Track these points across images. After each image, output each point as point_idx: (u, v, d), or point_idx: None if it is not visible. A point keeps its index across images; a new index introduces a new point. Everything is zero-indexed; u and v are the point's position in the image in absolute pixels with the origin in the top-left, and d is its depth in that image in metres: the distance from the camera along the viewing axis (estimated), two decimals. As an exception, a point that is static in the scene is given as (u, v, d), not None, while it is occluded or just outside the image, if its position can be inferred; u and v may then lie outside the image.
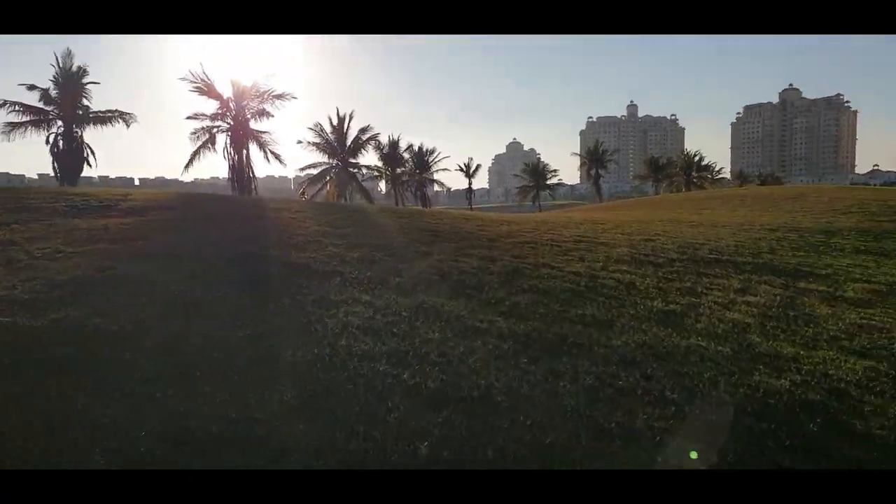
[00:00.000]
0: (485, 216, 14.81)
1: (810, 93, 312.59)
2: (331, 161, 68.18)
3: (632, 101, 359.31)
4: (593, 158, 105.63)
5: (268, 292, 6.54)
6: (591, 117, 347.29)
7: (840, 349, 6.51)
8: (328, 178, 68.34)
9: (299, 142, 66.74)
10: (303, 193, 66.08)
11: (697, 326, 6.75)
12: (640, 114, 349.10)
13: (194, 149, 46.69)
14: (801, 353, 6.26)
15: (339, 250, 8.48)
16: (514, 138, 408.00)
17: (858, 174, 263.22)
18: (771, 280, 9.45)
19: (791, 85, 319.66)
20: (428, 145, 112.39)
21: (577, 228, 13.21)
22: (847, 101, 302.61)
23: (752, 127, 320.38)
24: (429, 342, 5.51)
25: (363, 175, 77.24)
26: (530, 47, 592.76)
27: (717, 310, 7.50)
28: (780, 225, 15.78)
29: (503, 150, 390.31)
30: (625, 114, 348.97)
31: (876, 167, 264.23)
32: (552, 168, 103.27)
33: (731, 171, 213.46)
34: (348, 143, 67.90)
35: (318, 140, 66.29)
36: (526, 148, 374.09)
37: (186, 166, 47.90)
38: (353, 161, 69.99)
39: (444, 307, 6.44)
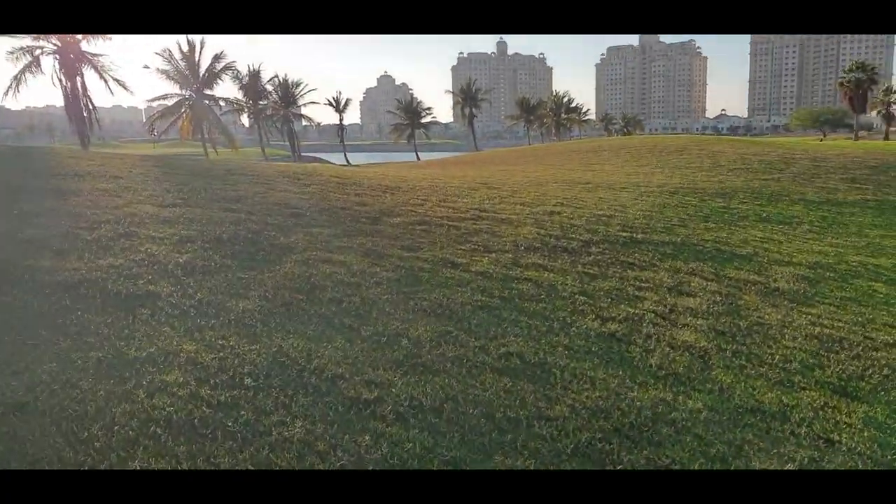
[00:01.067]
0: (363, 178, 12.56)
1: (668, 37, 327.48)
2: (184, 92, 61.87)
3: (501, 38, 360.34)
4: (467, 97, 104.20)
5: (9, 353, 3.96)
6: (462, 53, 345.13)
7: (822, 386, 5.17)
8: (183, 110, 62.14)
9: (146, 67, 59.82)
10: (151, 129, 59.50)
11: (651, 363, 5.13)
12: (510, 52, 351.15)
13: (15, 73, 40.05)
14: (784, 399, 4.84)
15: (160, 250, 5.97)
16: (386, 72, 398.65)
17: (708, 118, 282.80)
18: (699, 269, 8.12)
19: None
20: (293, 77, 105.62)
21: (471, 197, 11.34)
22: (699, 48, 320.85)
23: (615, 69, 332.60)
24: (287, 443, 3.46)
25: (221, 108, 71.21)
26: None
27: (662, 327, 5.96)
28: (677, 186, 14.83)
29: (374, 84, 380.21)
30: (495, 51, 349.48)
31: (723, 112, 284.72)
32: (426, 106, 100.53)
33: (597, 113, 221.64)
34: (202, 72, 61.71)
35: (167, 67, 59.52)
36: (398, 82, 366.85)
37: (6, 93, 41.15)
38: (208, 93, 64.04)
39: (313, 356, 4.34)
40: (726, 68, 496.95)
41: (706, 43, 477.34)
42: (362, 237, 7.46)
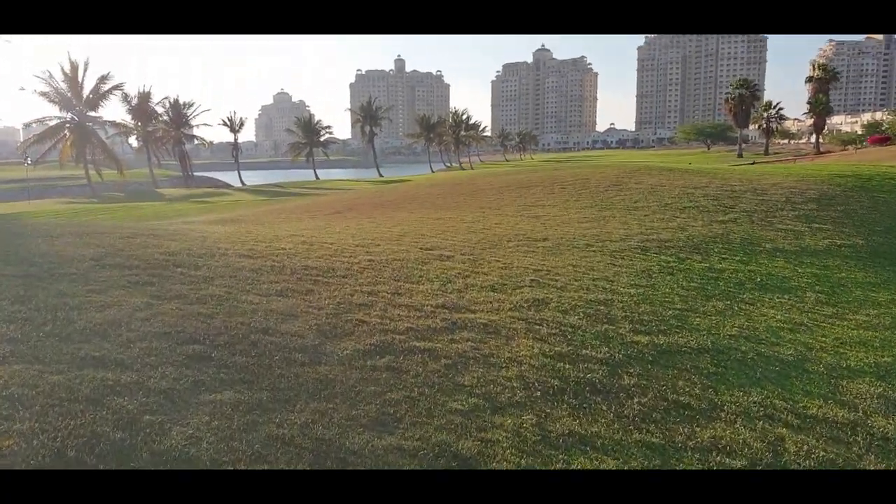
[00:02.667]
0: (279, 251, 9.75)
1: (560, 54, 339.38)
2: (65, 114, 56.00)
3: (399, 56, 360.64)
4: (367, 115, 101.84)
5: None
6: (360, 70, 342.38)
7: None
8: (63, 133, 56.15)
9: (22, 89, 53.35)
10: (25, 155, 53.16)
11: None
12: (408, 69, 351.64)
13: None
14: None
15: None
16: (282, 89, 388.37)
17: (599, 132, 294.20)
18: (768, 404, 5.96)
19: (543, 45, 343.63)
20: (185, 98, 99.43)
21: (427, 279, 8.80)
22: (590, 64, 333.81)
23: (510, 85, 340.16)
24: None
25: (107, 132, 65.35)
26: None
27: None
28: (642, 240, 12.74)
29: (270, 101, 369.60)
30: (393, 68, 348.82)
31: (612, 125, 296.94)
32: (325, 125, 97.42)
33: (493, 129, 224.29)
34: (85, 93, 56.13)
35: (47, 89, 53.63)
36: (295, 99, 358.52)
37: None
38: (93, 115, 58.35)
39: None
40: (615, 83, 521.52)
41: (596, 59, 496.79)
42: (299, 410, 4.74)
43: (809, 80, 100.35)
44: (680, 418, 5.44)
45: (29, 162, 55.31)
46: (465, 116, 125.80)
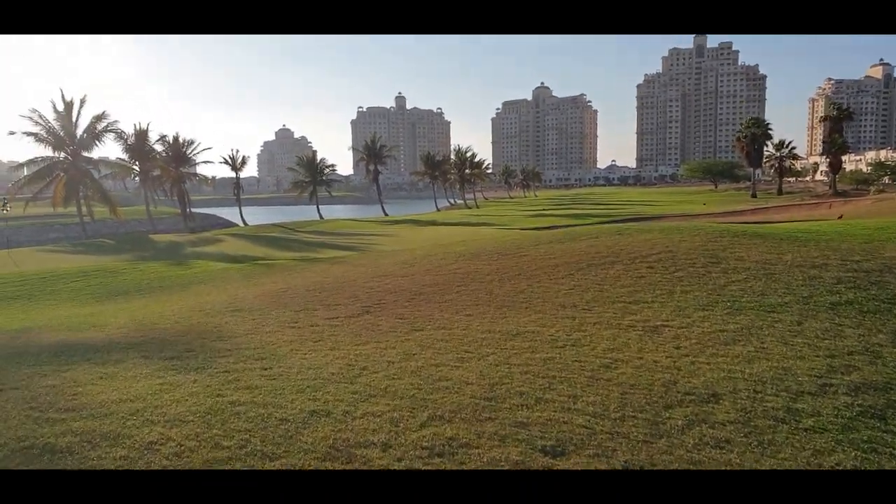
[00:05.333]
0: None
1: (559, 92, 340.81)
2: (57, 155, 53.48)
3: (400, 93, 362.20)
4: (371, 154, 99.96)
5: None
6: (361, 107, 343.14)
7: None
8: (57, 174, 53.57)
9: (11, 133, 50.81)
10: (4, 204, 50.43)
11: None
12: (409, 106, 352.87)
13: None
14: None
15: None
16: (284, 125, 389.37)
17: (600, 168, 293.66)
18: None
19: (542, 83, 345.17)
20: (186, 135, 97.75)
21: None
22: (589, 101, 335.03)
23: (510, 122, 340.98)
24: None
25: (101, 172, 62.87)
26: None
27: None
28: (853, 386, 8.92)
29: (272, 137, 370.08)
30: (394, 105, 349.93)
31: (613, 162, 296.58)
32: (329, 163, 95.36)
33: (494, 165, 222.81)
34: (79, 132, 53.71)
35: (37, 130, 51.16)
36: (297, 136, 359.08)
37: None
38: (87, 155, 55.88)
39: None
40: (615, 119, 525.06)
41: (595, 96, 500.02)
42: None
43: (823, 119, 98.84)
44: None
45: (8, 209, 52.72)
46: (469, 154, 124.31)
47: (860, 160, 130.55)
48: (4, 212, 51.03)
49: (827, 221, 24.87)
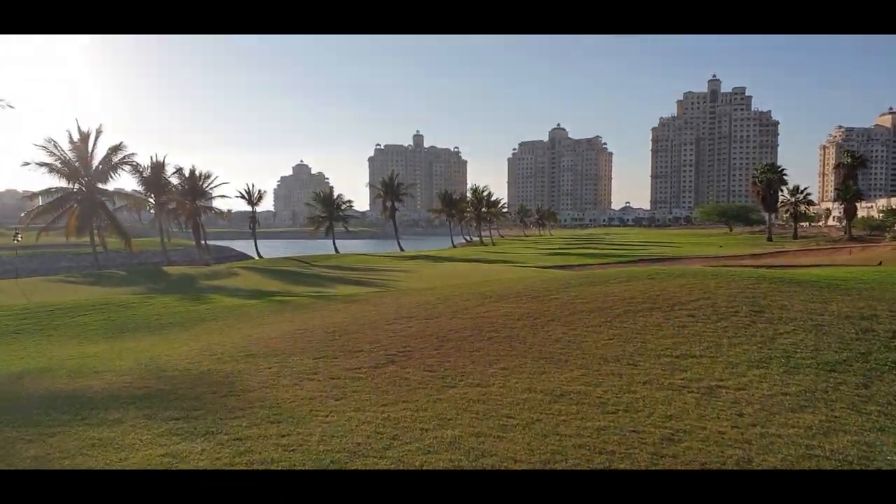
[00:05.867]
0: None
1: (575, 133, 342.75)
2: (71, 186, 53.46)
3: (417, 132, 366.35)
4: (388, 191, 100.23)
5: None
6: (379, 145, 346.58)
7: None
8: (71, 205, 53.54)
9: (25, 164, 50.92)
10: (15, 235, 50.48)
11: None
12: (426, 144, 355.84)
13: None
14: None
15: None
16: (301, 160, 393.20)
17: (614, 210, 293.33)
18: None
19: (559, 125, 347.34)
20: (202, 168, 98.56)
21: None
22: (604, 143, 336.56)
23: (526, 163, 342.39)
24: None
25: (115, 204, 62.93)
26: (311, 71, 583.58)
27: None
28: None
29: (289, 173, 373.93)
30: (411, 143, 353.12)
31: (628, 203, 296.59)
32: (346, 199, 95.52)
33: (509, 204, 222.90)
34: (95, 163, 53.77)
35: (51, 160, 51.29)
36: (314, 171, 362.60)
37: None
38: (102, 187, 55.90)
39: None
40: (630, 161, 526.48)
41: (610, 138, 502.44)
42: None
43: (837, 166, 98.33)
44: None
45: (19, 239, 52.86)
46: (485, 193, 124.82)
47: (871, 207, 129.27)
48: (15, 241, 51.15)
49: (863, 268, 24.03)
